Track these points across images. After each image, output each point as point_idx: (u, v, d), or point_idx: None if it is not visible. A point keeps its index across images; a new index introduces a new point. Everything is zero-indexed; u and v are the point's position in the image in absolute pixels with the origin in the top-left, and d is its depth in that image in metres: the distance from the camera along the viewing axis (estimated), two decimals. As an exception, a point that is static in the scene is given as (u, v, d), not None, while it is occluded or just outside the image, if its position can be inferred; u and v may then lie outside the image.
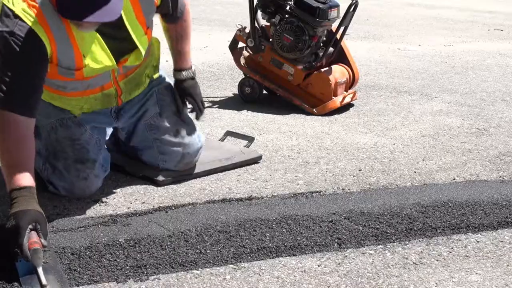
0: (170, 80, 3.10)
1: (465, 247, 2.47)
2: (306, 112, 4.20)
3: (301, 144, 3.58)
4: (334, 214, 2.66)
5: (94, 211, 2.63)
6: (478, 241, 2.52)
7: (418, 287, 2.17)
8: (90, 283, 2.09)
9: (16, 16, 2.37)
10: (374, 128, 3.96)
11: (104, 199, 2.74)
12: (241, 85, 4.44)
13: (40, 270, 2.09)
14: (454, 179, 3.16)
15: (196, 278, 2.16)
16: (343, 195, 2.90)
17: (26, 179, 2.27)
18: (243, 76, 4.51)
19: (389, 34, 7.53)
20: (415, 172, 3.24)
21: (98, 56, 2.57)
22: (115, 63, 2.64)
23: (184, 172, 3.01)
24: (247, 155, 3.26)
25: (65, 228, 2.44)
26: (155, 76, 3.00)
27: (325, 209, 2.71)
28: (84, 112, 2.79)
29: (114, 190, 2.82)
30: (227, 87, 4.79)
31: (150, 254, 2.28)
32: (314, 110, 4.20)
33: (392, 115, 4.27)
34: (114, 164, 2.97)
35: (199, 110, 3.08)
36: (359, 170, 3.22)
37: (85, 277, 2.12)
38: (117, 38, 2.60)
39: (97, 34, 2.53)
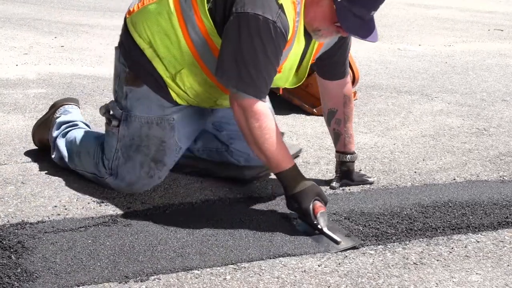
0: None
1: (465, 247, 2.47)
2: (306, 112, 4.20)
3: (301, 144, 3.58)
4: (334, 214, 2.65)
5: (95, 211, 2.63)
6: (478, 241, 2.52)
7: (419, 287, 2.17)
8: (91, 283, 2.09)
9: (280, 6, 2.39)
10: (374, 128, 3.96)
11: (104, 199, 2.73)
12: (241, 85, 4.44)
13: (326, 230, 2.39)
14: (454, 179, 3.16)
15: (196, 278, 2.16)
16: (343, 195, 2.90)
17: (288, 160, 2.52)
18: (243, 76, 4.51)
19: (389, 34, 7.53)
20: (415, 172, 3.24)
21: (287, 70, 2.62)
22: (285, 85, 2.73)
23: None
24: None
25: (65, 228, 2.44)
26: None
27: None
28: (212, 106, 2.78)
29: (114, 190, 2.82)
30: (227, 87, 4.79)
31: (151, 254, 2.28)
32: (314, 110, 4.19)
33: (392, 115, 4.27)
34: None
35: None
36: (360, 170, 3.21)
37: (85, 277, 2.12)
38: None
39: (301, 53, 2.60)
